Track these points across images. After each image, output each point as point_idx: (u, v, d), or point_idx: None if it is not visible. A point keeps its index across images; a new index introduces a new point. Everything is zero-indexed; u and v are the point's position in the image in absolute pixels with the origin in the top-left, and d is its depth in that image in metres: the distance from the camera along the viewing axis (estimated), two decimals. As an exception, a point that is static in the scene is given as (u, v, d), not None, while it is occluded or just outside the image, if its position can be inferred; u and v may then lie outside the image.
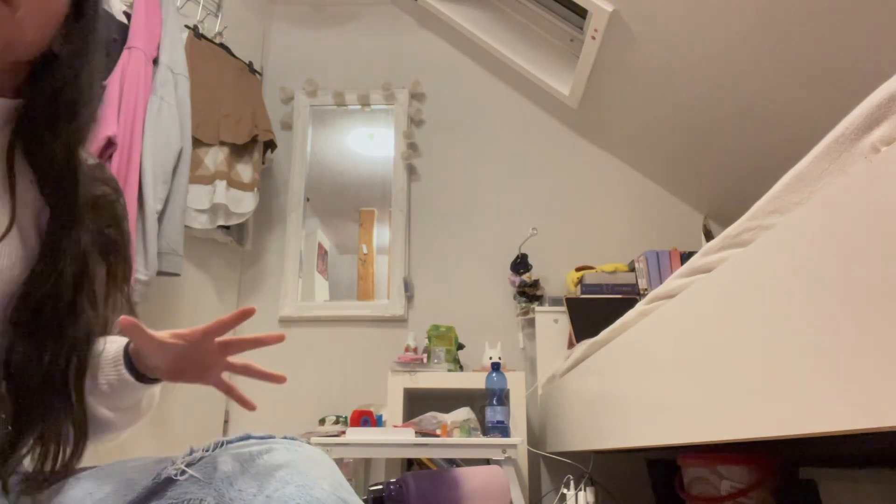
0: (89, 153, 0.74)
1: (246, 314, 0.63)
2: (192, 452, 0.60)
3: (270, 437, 0.61)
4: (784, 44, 1.72)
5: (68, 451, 0.64)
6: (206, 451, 0.59)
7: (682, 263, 2.16)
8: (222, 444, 0.60)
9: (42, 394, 0.62)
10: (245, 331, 2.73)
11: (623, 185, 2.83)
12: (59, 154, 0.65)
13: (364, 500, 1.62)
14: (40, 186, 0.66)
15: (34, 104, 0.65)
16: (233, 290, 2.73)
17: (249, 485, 0.55)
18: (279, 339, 0.66)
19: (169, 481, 0.58)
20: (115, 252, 0.74)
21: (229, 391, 0.72)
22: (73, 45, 0.66)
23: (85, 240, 0.67)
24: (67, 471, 0.64)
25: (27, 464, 0.63)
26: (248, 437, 0.60)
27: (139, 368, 0.69)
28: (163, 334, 0.65)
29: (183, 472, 0.58)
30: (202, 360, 0.68)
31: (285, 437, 0.61)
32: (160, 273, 1.97)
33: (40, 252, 0.64)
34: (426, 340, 2.36)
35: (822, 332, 0.57)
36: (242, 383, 2.66)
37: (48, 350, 0.63)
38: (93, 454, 0.74)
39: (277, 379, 0.70)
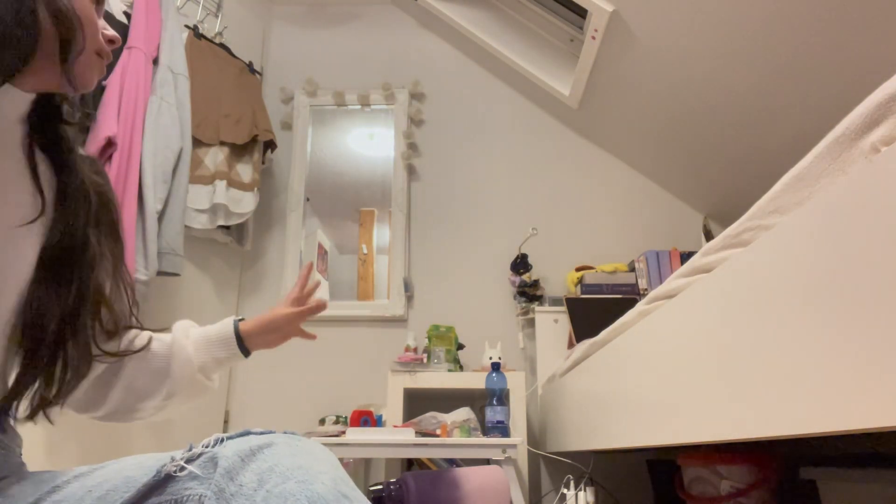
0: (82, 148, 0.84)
1: (320, 309, 1.01)
2: (191, 449, 0.60)
3: (270, 432, 0.61)
4: (784, 43, 1.72)
5: (70, 377, 0.72)
6: (206, 447, 0.59)
7: (682, 263, 2.17)
8: (222, 441, 0.60)
9: (59, 329, 0.70)
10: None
11: (623, 185, 2.83)
12: (66, 138, 0.77)
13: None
14: (52, 166, 0.75)
15: (50, 98, 0.75)
16: (233, 290, 2.73)
17: (250, 479, 0.55)
18: (322, 307, 1.02)
19: (168, 478, 0.58)
20: (113, 230, 0.82)
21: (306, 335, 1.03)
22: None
23: (88, 191, 0.77)
24: (64, 396, 0.73)
25: (32, 392, 0.70)
26: (247, 433, 0.61)
27: (248, 346, 0.95)
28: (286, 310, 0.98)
29: (182, 469, 0.58)
30: (296, 321, 0.99)
31: (285, 433, 0.61)
32: (160, 273, 1.96)
33: (55, 215, 0.73)
34: (426, 340, 2.37)
35: (822, 331, 0.57)
36: (243, 379, 2.66)
37: (63, 290, 0.71)
38: (94, 453, 0.76)
39: (318, 308, 1.01)
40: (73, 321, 0.72)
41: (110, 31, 0.75)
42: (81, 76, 0.71)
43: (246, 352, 0.95)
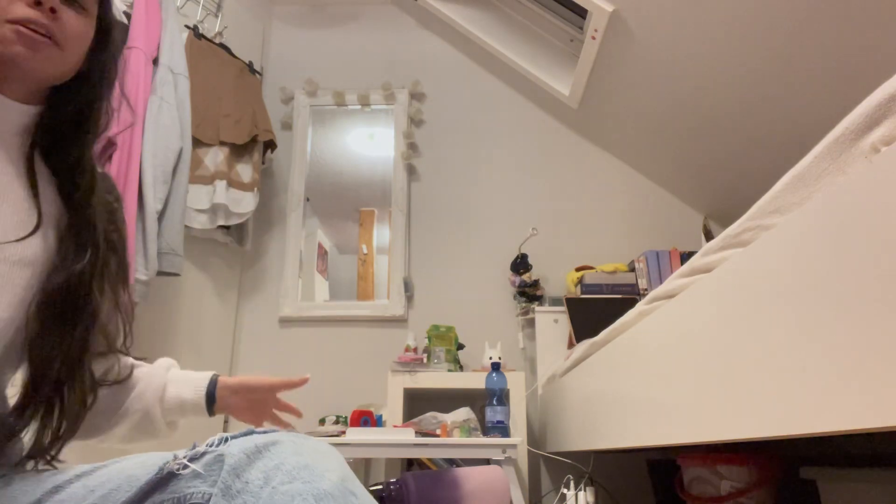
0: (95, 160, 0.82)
1: (303, 382, 0.97)
2: (195, 447, 0.60)
3: (274, 430, 0.61)
4: (784, 44, 1.72)
5: (71, 423, 0.72)
6: (210, 446, 0.59)
7: (682, 263, 2.16)
8: (226, 440, 0.60)
9: (59, 374, 0.70)
10: (245, 331, 2.73)
11: (623, 185, 2.83)
12: (77, 159, 0.75)
13: (364, 500, 1.62)
14: (60, 188, 0.74)
15: (58, 114, 0.74)
16: (233, 290, 2.72)
17: (256, 477, 0.55)
18: (304, 381, 0.99)
19: (171, 476, 0.58)
20: (118, 253, 0.81)
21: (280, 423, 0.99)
22: (102, 69, 0.77)
23: (98, 238, 0.75)
24: (64, 441, 0.71)
25: (27, 438, 0.70)
26: (251, 433, 0.60)
27: (216, 406, 0.90)
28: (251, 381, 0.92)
29: (186, 467, 0.58)
30: (262, 405, 0.95)
31: (288, 432, 0.61)
32: (160, 273, 1.96)
33: (58, 247, 0.72)
34: (426, 340, 2.36)
35: (822, 331, 0.57)
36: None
37: (67, 336, 0.70)
38: (95, 453, 0.76)
39: (301, 382, 0.98)
40: (75, 364, 0.71)
41: None
42: (4, 54, 0.66)
43: (211, 401, 0.90)
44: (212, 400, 0.90)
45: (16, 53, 0.67)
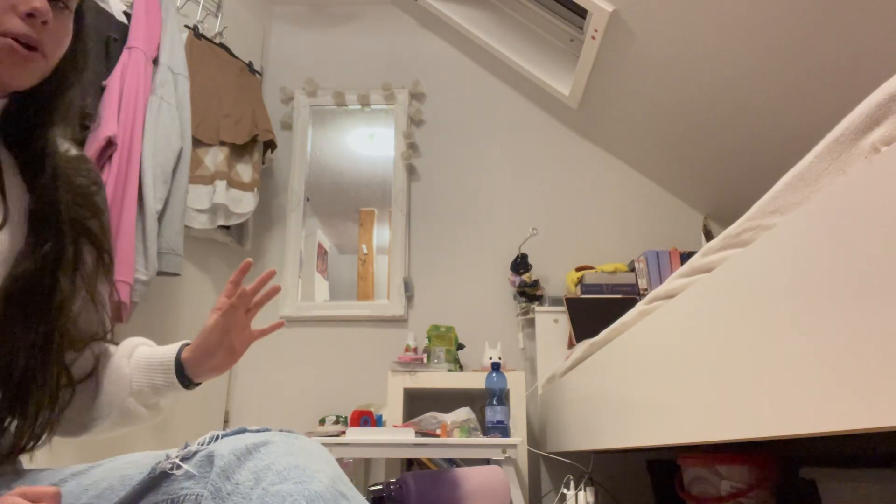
0: (74, 145, 0.79)
1: (269, 276, 0.81)
2: (186, 447, 0.60)
3: (266, 429, 0.60)
4: (784, 44, 1.72)
5: (44, 420, 0.69)
6: (202, 444, 0.59)
7: (682, 263, 2.16)
8: (217, 438, 0.59)
9: (25, 370, 0.67)
10: (245, 331, 2.72)
11: (623, 185, 2.83)
12: (42, 146, 0.71)
13: (364, 500, 1.62)
14: (24, 174, 0.71)
15: (25, 106, 0.71)
16: (233, 290, 2.72)
17: (246, 478, 0.54)
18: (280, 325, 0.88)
19: (164, 475, 0.58)
20: (97, 242, 0.78)
21: (262, 334, 0.86)
22: (74, 60, 0.74)
23: (65, 227, 0.72)
24: (40, 441, 0.69)
25: (6, 436, 0.67)
26: (243, 431, 0.60)
27: (190, 375, 0.82)
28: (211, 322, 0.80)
29: (178, 467, 0.58)
30: (239, 332, 0.82)
31: (281, 431, 0.61)
32: (160, 273, 1.96)
33: (25, 237, 0.68)
34: (426, 340, 2.36)
35: (822, 331, 0.57)
36: (243, 379, 2.66)
37: (30, 330, 0.67)
38: (91, 451, 0.75)
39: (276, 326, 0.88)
40: (43, 358, 0.68)
41: (32, 4, 0.64)
42: None
43: (186, 381, 0.81)
44: (186, 380, 0.82)
45: (2, 70, 0.64)
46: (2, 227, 0.66)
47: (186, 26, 2.41)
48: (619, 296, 2.38)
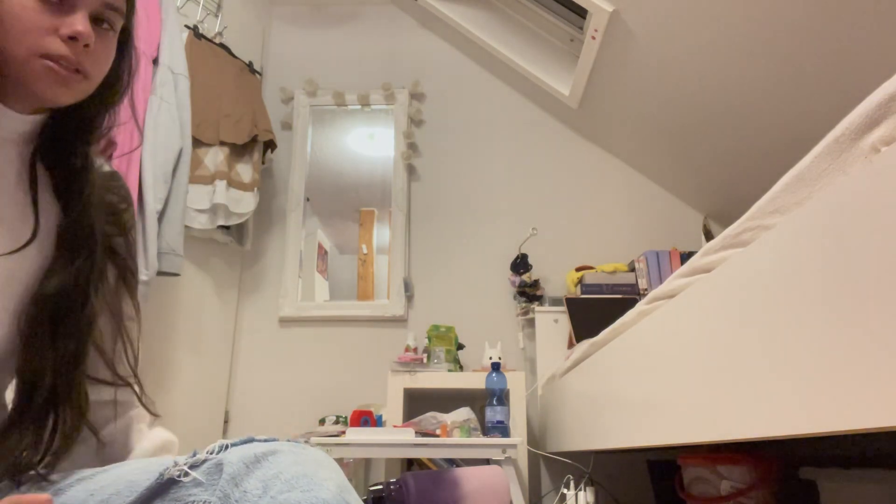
0: (106, 160, 0.79)
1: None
2: (195, 455, 0.60)
3: (274, 439, 0.61)
4: (785, 44, 1.72)
5: (62, 437, 0.68)
6: (210, 453, 0.59)
7: (682, 263, 2.16)
8: (226, 448, 0.60)
9: (52, 388, 0.66)
10: (245, 331, 2.73)
11: (623, 185, 2.83)
12: (80, 165, 0.71)
13: (364, 500, 1.62)
14: (57, 191, 0.71)
15: (65, 123, 0.70)
16: (233, 290, 2.72)
17: (254, 486, 0.55)
18: None
19: (172, 483, 0.58)
20: (122, 260, 0.78)
21: None
22: (118, 80, 0.74)
23: (97, 244, 0.72)
24: (59, 457, 0.67)
25: (23, 451, 0.66)
26: (251, 440, 0.60)
27: None
28: None
29: (186, 474, 0.58)
30: None
31: (289, 441, 0.61)
32: (160, 273, 1.96)
33: (55, 253, 0.68)
34: (426, 340, 2.36)
35: (821, 331, 0.57)
36: (243, 379, 2.66)
37: (59, 346, 0.67)
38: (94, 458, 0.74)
39: None
40: (67, 379, 0.68)
41: (75, 28, 0.63)
42: (31, 86, 0.63)
43: None
44: None
45: (44, 91, 0.64)
46: (32, 240, 0.66)
47: (186, 26, 2.41)
48: (619, 296, 2.38)
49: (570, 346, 2.25)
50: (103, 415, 0.76)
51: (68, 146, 0.71)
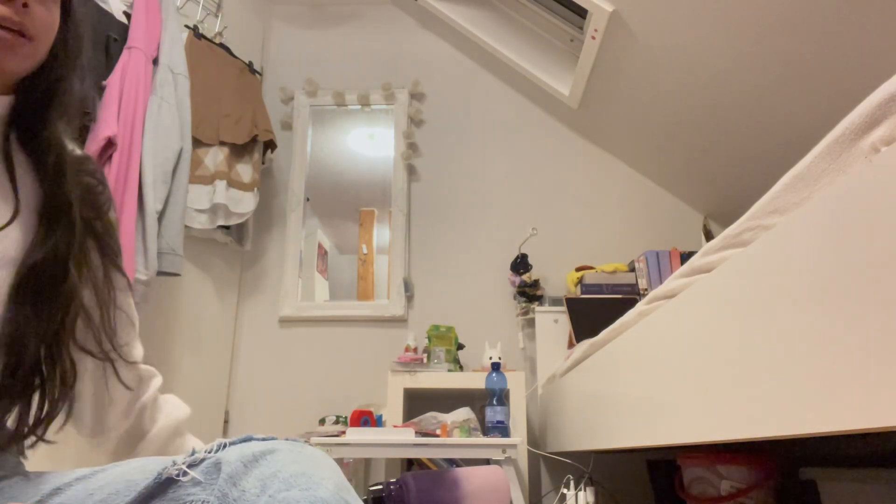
0: (78, 145, 0.80)
1: None
2: (193, 454, 0.60)
3: (272, 438, 0.61)
4: (785, 44, 1.72)
5: (52, 403, 0.70)
6: (209, 452, 0.59)
7: (682, 263, 2.16)
8: (224, 446, 0.60)
9: (36, 357, 0.68)
10: (245, 331, 2.73)
11: (623, 185, 2.83)
12: (48, 138, 0.73)
13: (364, 500, 1.62)
14: (35, 170, 0.72)
15: (29, 98, 0.72)
16: (233, 290, 2.72)
17: (253, 485, 0.55)
18: None
19: (171, 482, 0.58)
20: (100, 240, 0.78)
21: None
22: (66, 46, 0.74)
23: (76, 219, 0.73)
24: (48, 422, 0.70)
25: (10, 421, 0.68)
26: (250, 439, 0.60)
27: None
28: None
29: (185, 473, 0.58)
30: None
31: (287, 440, 0.61)
32: (160, 273, 1.96)
33: (36, 228, 0.70)
34: (426, 340, 2.36)
35: (822, 331, 0.57)
36: (243, 379, 2.66)
37: (42, 318, 0.68)
38: (95, 454, 0.75)
39: None
40: (53, 346, 0.69)
41: None
42: None
43: None
44: None
45: None
46: (12, 220, 0.67)
47: (186, 26, 2.41)
48: (619, 296, 2.38)
49: (570, 346, 2.25)
50: (129, 390, 0.81)
51: (38, 120, 0.72)
